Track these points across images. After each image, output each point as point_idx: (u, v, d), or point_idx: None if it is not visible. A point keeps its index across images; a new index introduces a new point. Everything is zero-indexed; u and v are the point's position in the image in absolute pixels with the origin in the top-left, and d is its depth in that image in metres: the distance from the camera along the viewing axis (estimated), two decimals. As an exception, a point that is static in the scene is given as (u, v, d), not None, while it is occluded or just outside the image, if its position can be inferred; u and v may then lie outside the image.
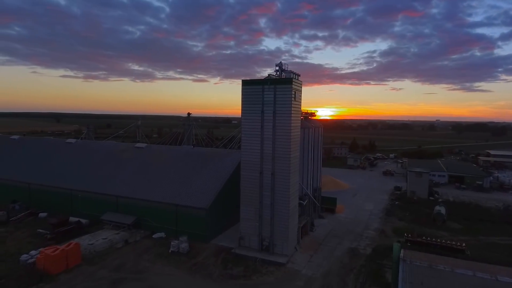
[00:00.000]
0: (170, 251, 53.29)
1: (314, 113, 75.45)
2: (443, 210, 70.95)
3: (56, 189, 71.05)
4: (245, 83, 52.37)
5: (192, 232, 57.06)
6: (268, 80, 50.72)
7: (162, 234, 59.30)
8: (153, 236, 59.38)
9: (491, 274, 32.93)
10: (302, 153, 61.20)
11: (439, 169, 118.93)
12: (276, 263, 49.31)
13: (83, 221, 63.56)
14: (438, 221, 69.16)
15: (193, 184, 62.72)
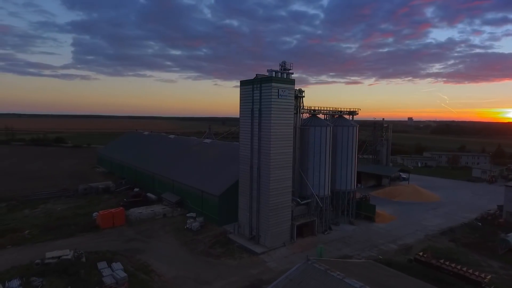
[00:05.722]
0: (185, 227, 63.75)
1: (356, 111, 71.27)
2: (513, 237, 54.04)
3: (145, 171, 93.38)
4: (241, 83, 57.37)
5: (209, 215, 65.83)
6: (256, 79, 54.09)
7: (193, 214, 70.30)
8: (187, 214, 71.20)
9: (378, 292, 28.20)
10: (313, 152, 60.17)
11: None
12: (252, 251, 52.26)
13: (152, 196, 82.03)
14: (501, 249, 53.33)
15: (219, 174, 71.28)
